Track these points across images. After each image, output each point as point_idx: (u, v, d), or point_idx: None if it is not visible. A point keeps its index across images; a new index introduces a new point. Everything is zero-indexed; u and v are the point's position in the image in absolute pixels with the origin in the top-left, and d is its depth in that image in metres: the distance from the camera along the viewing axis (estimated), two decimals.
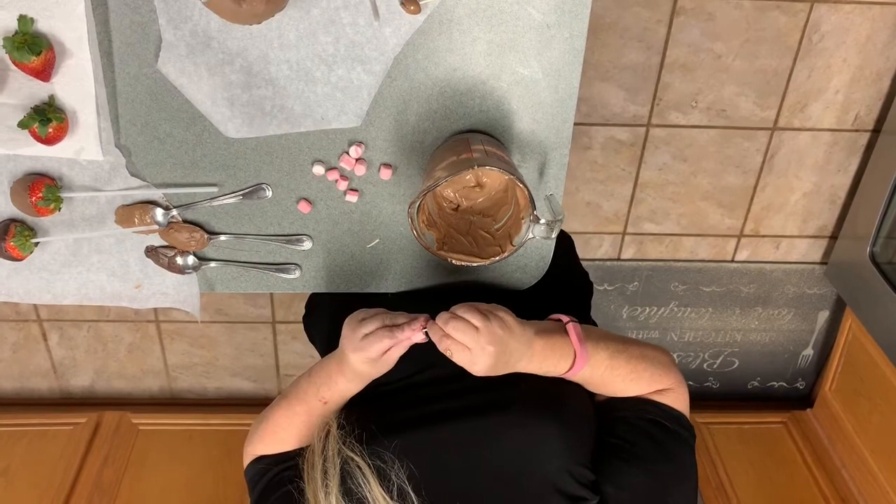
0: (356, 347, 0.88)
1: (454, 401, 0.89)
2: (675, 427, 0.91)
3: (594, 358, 0.88)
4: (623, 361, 0.90)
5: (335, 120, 0.94)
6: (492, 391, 0.89)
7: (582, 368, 0.88)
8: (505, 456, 0.82)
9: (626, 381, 0.92)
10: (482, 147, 0.90)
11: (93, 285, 1.06)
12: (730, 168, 2.06)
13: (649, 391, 0.93)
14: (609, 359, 0.90)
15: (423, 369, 0.95)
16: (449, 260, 0.92)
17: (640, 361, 0.91)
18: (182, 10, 0.86)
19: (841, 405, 2.21)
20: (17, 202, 0.96)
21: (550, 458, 0.82)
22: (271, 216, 1.02)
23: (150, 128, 0.94)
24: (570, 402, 0.90)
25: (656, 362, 0.93)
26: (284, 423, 0.99)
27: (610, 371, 0.90)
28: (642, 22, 1.83)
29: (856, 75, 1.93)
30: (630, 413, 0.92)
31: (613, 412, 0.93)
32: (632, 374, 0.91)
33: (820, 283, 2.27)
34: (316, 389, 0.96)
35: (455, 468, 0.82)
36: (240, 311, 2.25)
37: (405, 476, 0.79)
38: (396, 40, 0.89)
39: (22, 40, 0.84)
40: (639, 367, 0.91)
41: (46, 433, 2.18)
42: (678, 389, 0.94)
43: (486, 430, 0.84)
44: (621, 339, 0.94)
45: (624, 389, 0.93)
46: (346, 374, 0.93)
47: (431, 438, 0.84)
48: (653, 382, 0.93)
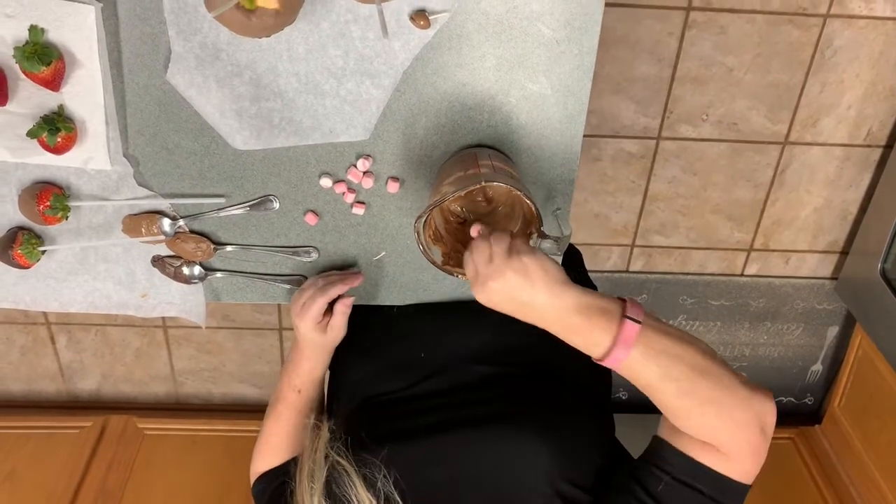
0: (298, 315, 0.96)
1: (444, 414, 0.89)
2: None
3: (633, 370, 0.74)
4: (672, 392, 0.73)
5: (343, 133, 0.94)
6: (483, 406, 0.88)
7: (612, 367, 0.75)
8: (486, 471, 0.81)
9: (668, 412, 0.76)
10: (490, 162, 0.90)
11: (99, 293, 1.06)
12: (740, 182, 2.05)
13: (696, 439, 0.75)
14: (656, 380, 0.73)
15: (418, 382, 0.96)
16: (455, 275, 0.91)
17: (699, 405, 0.73)
18: (192, 22, 0.86)
19: (850, 422, 2.19)
20: (25, 210, 0.96)
21: (532, 476, 0.79)
22: (278, 228, 1.01)
23: (158, 138, 0.94)
24: (567, 422, 0.85)
25: (726, 415, 0.73)
26: (275, 429, 1.04)
27: (650, 391, 0.75)
28: (654, 35, 1.82)
29: (868, 91, 1.91)
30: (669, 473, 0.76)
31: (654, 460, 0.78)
32: (678, 413, 0.75)
33: (830, 299, 2.25)
34: (288, 382, 1.03)
35: (438, 480, 0.81)
36: (247, 317, 2.26)
37: (391, 484, 0.78)
38: (406, 55, 0.88)
39: (32, 50, 0.84)
40: (693, 410, 0.73)
41: (53, 436, 2.19)
42: (739, 458, 0.74)
43: (469, 443, 0.83)
44: (701, 362, 0.73)
45: (668, 415, 0.78)
46: (305, 352, 1.00)
47: (417, 450, 0.84)
48: (701, 432, 0.74)
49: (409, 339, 1.03)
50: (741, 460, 0.74)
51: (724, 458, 0.74)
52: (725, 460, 0.74)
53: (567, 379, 0.94)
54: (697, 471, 0.74)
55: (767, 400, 0.75)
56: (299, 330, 0.99)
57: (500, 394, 0.90)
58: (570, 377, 0.94)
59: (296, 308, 0.98)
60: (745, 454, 0.74)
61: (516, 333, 0.98)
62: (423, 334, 1.04)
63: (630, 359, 0.73)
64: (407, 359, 0.99)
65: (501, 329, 1.00)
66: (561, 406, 0.89)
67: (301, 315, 0.97)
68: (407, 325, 1.07)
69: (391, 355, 1.01)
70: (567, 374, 0.94)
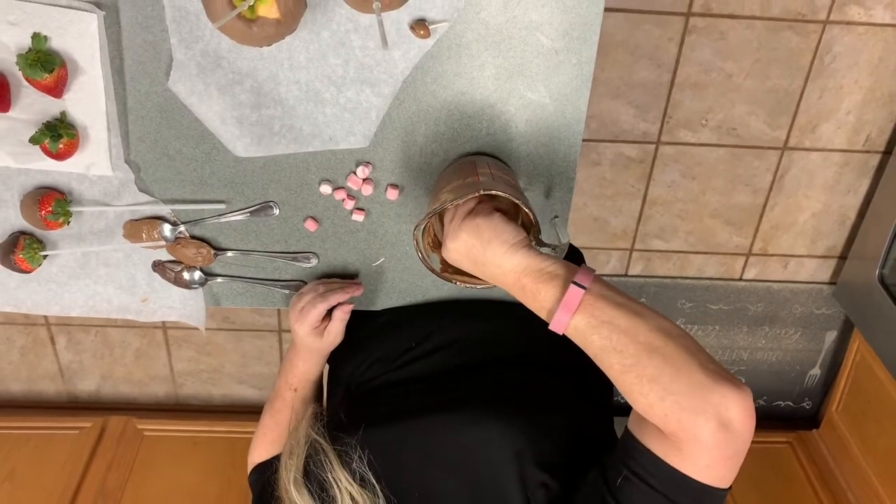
0: (296, 319, 0.98)
1: (419, 399, 0.91)
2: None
3: (578, 338, 0.72)
4: (616, 366, 0.69)
5: (343, 140, 0.94)
6: (457, 391, 0.89)
7: (560, 332, 0.73)
8: (454, 452, 0.81)
9: (617, 388, 0.72)
10: (489, 170, 0.90)
11: (100, 298, 1.07)
12: (739, 187, 2.05)
13: (657, 432, 0.69)
14: (599, 351, 0.71)
15: (401, 367, 0.98)
16: (454, 282, 0.92)
17: (641, 383, 0.68)
18: (193, 30, 0.86)
19: (848, 426, 2.20)
20: (27, 215, 0.97)
21: (499, 458, 0.79)
22: (278, 234, 1.02)
23: (159, 145, 0.95)
24: (540, 407, 0.84)
25: (670, 400, 0.66)
26: (271, 424, 1.07)
27: (597, 361, 0.72)
28: (653, 40, 1.83)
29: (867, 97, 1.92)
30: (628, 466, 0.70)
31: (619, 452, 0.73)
32: (623, 389, 0.70)
33: (828, 304, 2.26)
34: (285, 381, 1.05)
35: (410, 463, 0.82)
36: (246, 319, 2.26)
37: (366, 465, 0.79)
38: (406, 63, 0.89)
39: (35, 58, 0.85)
40: (635, 388, 0.68)
41: (52, 437, 2.19)
42: (690, 453, 0.66)
43: (439, 426, 0.84)
44: (652, 340, 0.68)
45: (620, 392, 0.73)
46: (301, 354, 1.03)
47: (391, 432, 0.85)
48: (649, 415, 0.68)
49: (400, 331, 1.05)
50: (694, 455, 0.66)
51: (676, 451, 0.67)
52: (678, 454, 0.66)
53: (550, 368, 0.94)
54: (654, 466, 0.68)
55: (732, 391, 0.65)
56: (297, 333, 1.00)
57: (476, 381, 0.91)
58: (553, 366, 0.94)
59: (294, 312, 0.99)
60: (697, 448, 0.65)
61: (502, 324, 1.00)
62: (414, 325, 1.06)
63: (573, 326, 0.72)
64: (397, 349, 1.01)
65: (489, 319, 1.01)
66: (535, 391, 0.89)
67: (299, 319, 0.98)
68: (397, 317, 1.09)
69: (383, 347, 1.03)
70: (550, 363, 0.95)
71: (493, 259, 0.78)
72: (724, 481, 0.67)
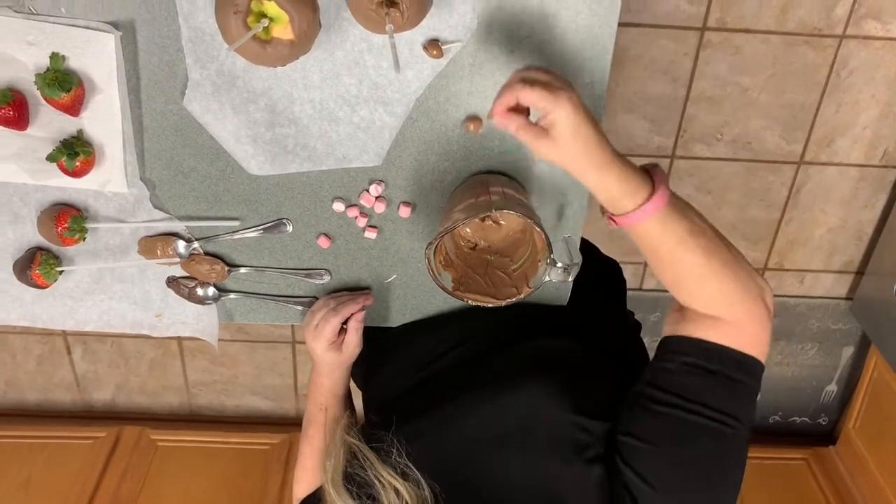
0: (314, 337, 0.99)
1: (450, 384, 0.91)
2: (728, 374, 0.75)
3: (664, 224, 0.74)
4: (700, 249, 0.74)
5: (356, 159, 0.95)
6: (487, 371, 0.89)
7: (645, 219, 0.74)
8: (495, 425, 0.80)
9: (688, 276, 0.76)
10: (501, 189, 0.90)
11: (114, 313, 1.08)
12: (754, 201, 2.04)
13: (702, 318, 0.77)
14: (687, 235, 0.74)
15: (427, 366, 0.98)
16: (465, 300, 0.92)
17: (721, 266, 0.74)
18: (209, 49, 0.87)
19: (865, 443, 2.17)
20: (44, 231, 0.98)
21: (545, 415, 0.79)
22: (291, 250, 1.03)
23: (174, 162, 0.95)
24: (571, 364, 0.85)
25: (741, 282, 0.75)
26: (308, 451, 1.05)
27: (678, 249, 0.75)
28: (668, 54, 1.83)
29: (884, 111, 1.91)
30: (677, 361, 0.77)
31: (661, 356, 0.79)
32: (701, 274, 0.75)
33: (845, 319, 2.24)
34: (314, 402, 1.05)
35: (452, 445, 0.81)
36: (260, 330, 2.27)
37: (405, 456, 0.79)
38: (419, 83, 0.89)
39: (53, 77, 0.86)
40: (715, 272, 0.74)
41: (67, 446, 2.21)
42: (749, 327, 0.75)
43: (474, 402, 0.83)
44: (717, 235, 0.76)
45: (678, 281, 0.78)
46: (323, 371, 1.02)
47: (428, 420, 0.85)
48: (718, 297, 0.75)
49: (420, 337, 1.05)
50: (751, 329, 0.76)
51: (733, 328, 0.75)
52: (736, 331, 0.75)
53: (572, 337, 0.93)
54: (706, 349, 0.75)
55: (765, 282, 0.79)
56: (315, 351, 1.00)
57: (501, 358, 0.90)
58: (575, 337, 0.94)
59: (309, 330, 0.99)
60: (755, 322, 0.75)
61: (512, 314, 0.97)
62: (432, 328, 1.06)
63: (664, 211, 0.74)
64: (418, 354, 1.01)
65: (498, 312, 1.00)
66: (564, 354, 0.88)
67: (315, 337, 0.99)
68: (415, 325, 1.09)
69: (405, 355, 1.03)
70: (571, 334, 0.94)
71: (586, 162, 0.74)
72: (763, 356, 0.77)
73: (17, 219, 1.00)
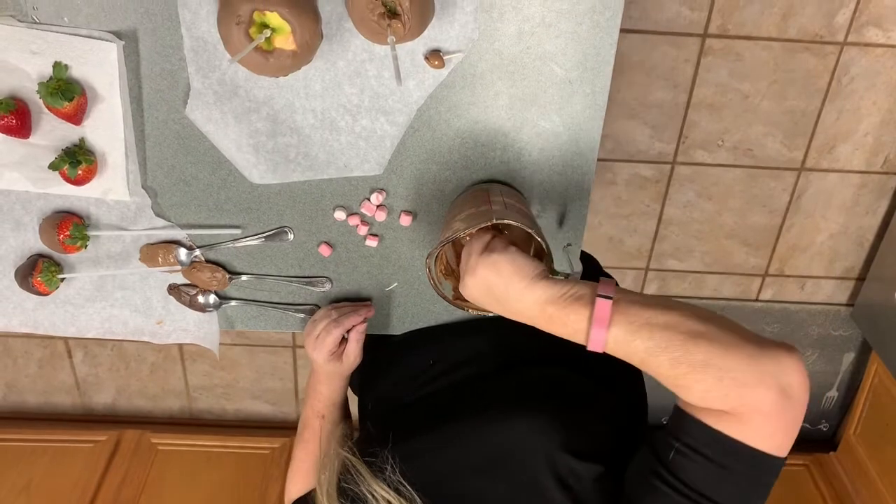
0: (315, 347, 0.99)
1: (447, 407, 0.91)
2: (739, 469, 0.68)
3: (620, 349, 0.70)
4: (665, 363, 0.68)
5: (358, 168, 0.95)
6: (485, 397, 0.89)
7: (600, 350, 0.72)
8: (486, 453, 0.80)
9: (670, 386, 0.70)
10: (501, 199, 0.91)
11: (116, 320, 1.08)
12: (756, 207, 2.04)
13: (705, 407, 0.68)
14: (645, 354, 0.69)
15: (427, 383, 0.98)
16: (466, 309, 0.92)
17: (695, 371, 0.66)
18: (211, 59, 0.87)
19: (865, 450, 2.17)
20: (46, 239, 0.98)
21: (532, 452, 0.78)
22: (292, 258, 1.03)
23: (176, 171, 0.96)
24: (570, 401, 0.84)
25: (728, 378, 0.66)
26: (302, 456, 1.06)
27: (645, 367, 0.70)
28: (669, 61, 1.83)
29: (886, 118, 1.91)
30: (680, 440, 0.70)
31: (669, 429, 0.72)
32: (678, 384, 0.68)
33: (846, 325, 2.24)
34: (311, 409, 1.06)
35: (442, 468, 0.81)
36: (261, 335, 2.28)
37: (399, 474, 0.79)
38: (420, 93, 0.90)
39: (56, 86, 0.86)
40: (689, 377, 0.67)
41: (68, 450, 2.21)
42: (752, 422, 0.66)
43: (469, 429, 0.83)
44: (693, 326, 0.68)
45: (671, 389, 0.71)
46: (322, 379, 1.04)
47: (421, 440, 0.85)
48: (707, 399, 0.67)
49: (421, 348, 1.05)
50: (756, 425, 0.66)
51: (736, 421, 0.66)
52: (738, 424, 0.66)
53: (572, 366, 0.92)
54: (708, 436, 0.67)
55: (785, 356, 0.66)
56: (316, 361, 1.00)
57: (500, 384, 0.91)
58: (575, 364, 0.92)
59: (310, 340, 0.99)
60: (759, 419, 0.65)
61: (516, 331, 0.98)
62: (433, 341, 1.06)
63: (613, 338, 0.70)
64: (417, 367, 1.01)
65: (501, 329, 1.00)
66: (561, 386, 0.88)
67: (316, 347, 0.99)
68: (411, 334, 1.09)
69: (402, 368, 1.03)
70: (572, 362, 0.93)
71: (514, 294, 0.76)
72: (783, 449, 0.67)
73: (19, 226, 1.00)
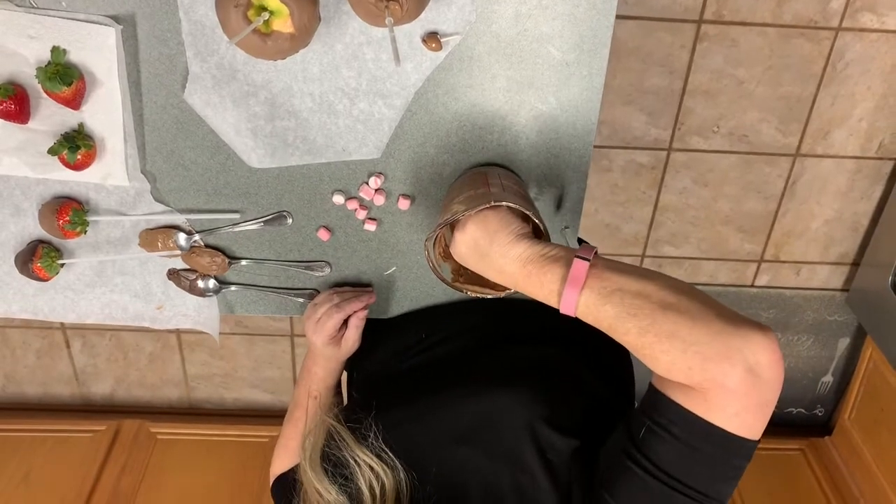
0: (314, 330, 1.00)
1: (430, 379, 0.92)
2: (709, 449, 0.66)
3: (591, 313, 0.70)
4: (633, 331, 0.67)
5: (356, 152, 0.95)
6: (468, 370, 0.90)
7: (570, 313, 0.72)
8: (469, 422, 0.81)
9: (637, 354, 0.70)
10: (500, 181, 0.91)
11: (116, 305, 1.08)
12: (751, 193, 2.05)
13: (671, 380, 0.67)
14: (614, 320, 0.68)
15: (415, 355, 1.00)
16: (465, 291, 0.93)
17: (661, 341, 0.66)
18: (209, 43, 0.88)
19: (860, 434, 2.19)
20: (45, 225, 0.98)
21: (513, 422, 0.78)
22: (291, 243, 1.03)
23: (175, 155, 0.96)
24: (551, 376, 0.85)
25: (692, 351, 0.64)
26: (292, 433, 1.08)
27: (613, 334, 0.70)
28: (665, 47, 1.83)
29: (880, 103, 1.92)
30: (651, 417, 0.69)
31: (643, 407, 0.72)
32: (643, 353, 0.68)
33: (841, 310, 2.25)
34: (305, 389, 1.06)
35: (422, 439, 0.82)
36: (259, 323, 2.28)
37: (381, 440, 0.80)
38: (418, 76, 0.90)
39: (54, 71, 0.86)
40: (655, 347, 0.66)
41: (67, 440, 2.22)
42: (717, 400, 0.64)
43: (449, 400, 0.84)
44: (665, 297, 0.67)
45: (639, 358, 0.71)
46: (319, 362, 1.04)
47: (405, 412, 0.86)
48: (672, 372, 0.66)
49: (413, 322, 1.07)
50: (721, 403, 0.64)
51: (702, 398, 0.64)
52: (704, 403, 0.64)
53: (560, 345, 0.94)
54: (678, 415, 0.66)
55: (755, 334, 0.64)
56: (314, 344, 1.01)
57: (486, 359, 0.92)
58: (564, 344, 0.94)
59: (311, 324, 1.00)
60: (724, 396, 0.63)
61: (508, 310, 1.00)
62: (426, 316, 1.08)
63: (584, 301, 0.70)
64: (407, 341, 1.03)
65: (493, 308, 1.01)
66: (547, 364, 0.89)
67: (316, 330, 1.00)
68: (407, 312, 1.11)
69: (393, 341, 1.05)
70: (560, 341, 0.94)
71: (497, 250, 0.78)
72: (753, 432, 0.65)
73: (19, 212, 1.00)
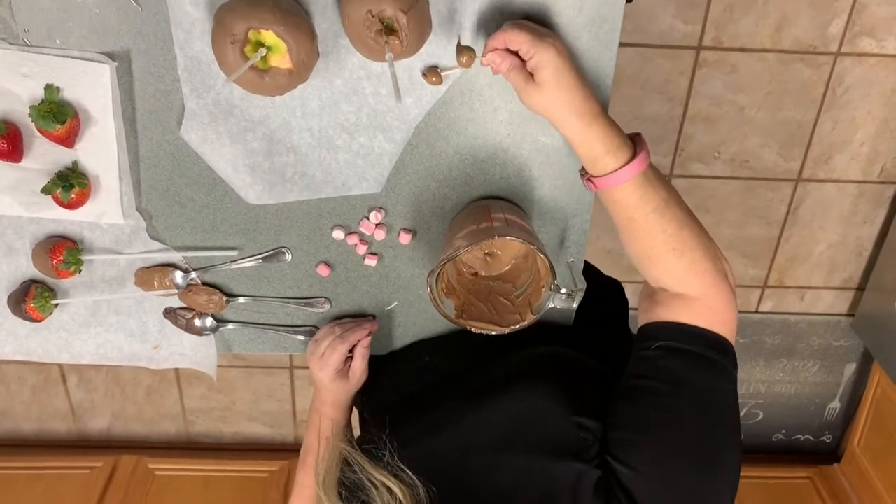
0: (319, 366, 0.97)
1: (442, 392, 0.90)
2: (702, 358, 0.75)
3: (644, 188, 0.76)
4: (678, 218, 0.76)
5: (356, 186, 0.94)
6: (478, 382, 0.88)
7: (625, 182, 0.76)
8: (504, 421, 0.79)
9: (666, 246, 0.77)
10: (502, 215, 0.89)
11: (111, 345, 1.06)
12: (753, 219, 2.04)
13: (670, 300, 0.78)
14: (663, 203, 0.76)
15: (420, 378, 0.97)
16: (468, 327, 0.90)
17: (696, 236, 0.77)
18: (205, 79, 0.86)
19: (870, 461, 2.15)
20: (39, 264, 0.96)
21: (553, 410, 0.78)
22: (290, 279, 1.01)
23: (171, 192, 0.94)
24: (562, 368, 0.86)
25: (710, 256, 0.77)
26: (306, 482, 1.03)
27: (653, 216, 0.76)
28: (664, 74, 1.83)
29: (881, 127, 1.91)
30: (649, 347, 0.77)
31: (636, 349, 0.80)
32: (675, 245, 0.77)
33: (847, 335, 2.23)
34: (315, 431, 1.02)
35: (440, 450, 0.80)
36: (257, 356, 2.26)
37: (397, 458, 0.77)
38: (418, 110, 0.89)
39: (48, 109, 0.85)
40: (690, 242, 0.76)
41: (64, 476, 2.18)
42: (718, 304, 0.77)
43: (464, 412, 0.82)
44: (688, 211, 0.79)
45: (651, 253, 0.79)
46: (327, 400, 1.00)
47: (417, 426, 0.84)
48: (691, 270, 0.76)
49: (409, 347, 1.06)
50: (719, 306, 0.77)
51: (703, 306, 0.76)
52: (705, 309, 0.76)
53: (563, 343, 0.93)
54: (678, 329, 0.76)
55: (727, 266, 0.81)
56: (321, 381, 0.98)
57: (495, 368, 0.90)
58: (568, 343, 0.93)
59: (314, 360, 0.97)
60: (722, 299, 0.77)
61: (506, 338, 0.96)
62: (424, 341, 1.06)
63: (643, 176, 0.75)
64: (413, 365, 1.01)
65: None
66: (555, 359, 0.88)
67: (322, 366, 0.97)
68: None
69: (400, 366, 1.03)
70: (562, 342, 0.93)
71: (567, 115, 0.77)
72: (732, 335, 0.77)
73: (12, 251, 0.98)
